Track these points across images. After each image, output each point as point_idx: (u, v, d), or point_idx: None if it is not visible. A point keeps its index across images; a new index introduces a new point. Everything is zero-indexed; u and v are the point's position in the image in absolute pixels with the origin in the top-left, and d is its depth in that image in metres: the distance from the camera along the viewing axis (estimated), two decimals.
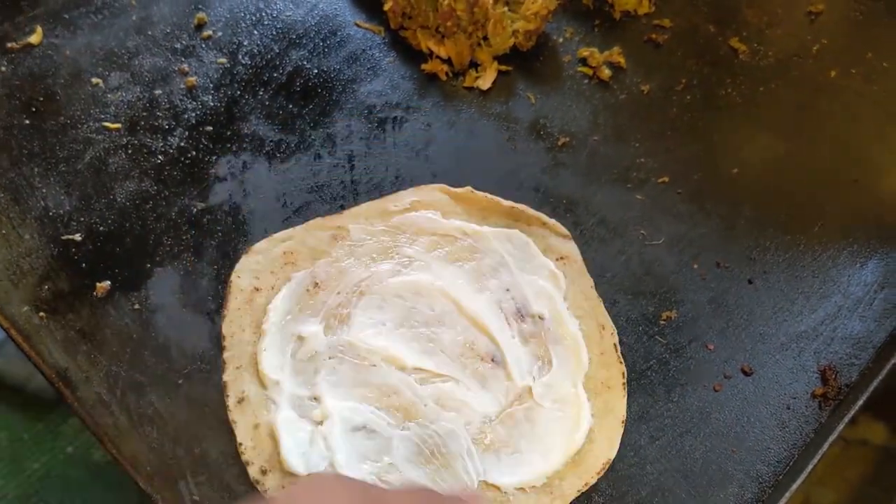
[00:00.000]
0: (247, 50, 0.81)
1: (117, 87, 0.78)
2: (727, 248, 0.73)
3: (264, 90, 0.79)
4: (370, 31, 0.84)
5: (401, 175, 0.75)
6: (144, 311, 0.66)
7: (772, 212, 0.75)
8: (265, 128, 0.77)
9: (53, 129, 0.75)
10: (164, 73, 0.79)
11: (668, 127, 0.79)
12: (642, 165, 0.77)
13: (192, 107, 0.77)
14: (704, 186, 0.76)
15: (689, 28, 0.86)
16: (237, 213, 0.72)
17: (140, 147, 0.75)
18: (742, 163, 0.78)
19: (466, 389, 0.63)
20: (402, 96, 0.80)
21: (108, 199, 0.72)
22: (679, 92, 0.81)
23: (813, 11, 0.88)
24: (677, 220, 0.74)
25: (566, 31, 0.85)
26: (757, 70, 0.83)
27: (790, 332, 0.69)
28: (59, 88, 0.77)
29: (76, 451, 1.31)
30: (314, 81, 0.80)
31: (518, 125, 0.79)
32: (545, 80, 0.82)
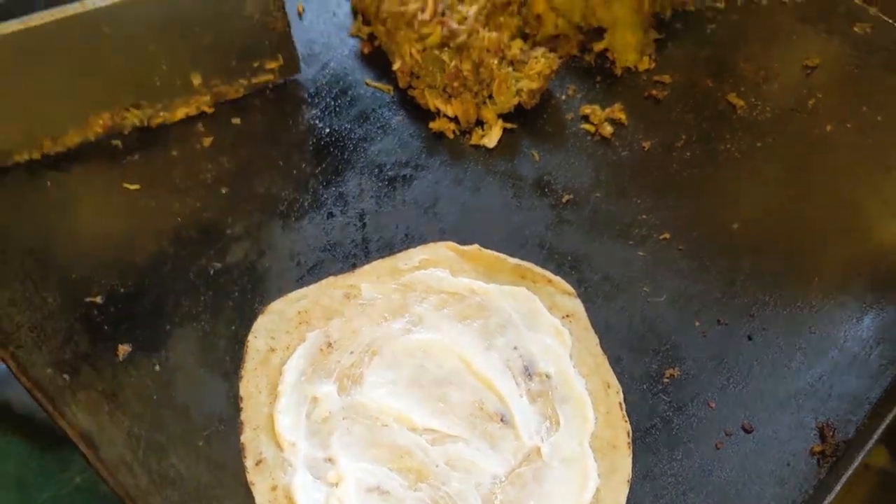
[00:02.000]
0: (261, 109, 0.84)
1: (135, 148, 0.81)
2: (727, 304, 0.75)
3: (278, 150, 0.82)
4: (380, 89, 0.86)
5: (410, 232, 0.78)
6: (164, 373, 0.69)
7: (770, 267, 0.77)
8: (279, 187, 0.79)
9: (75, 191, 0.78)
10: (180, 135, 0.82)
11: (669, 183, 0.82)
12: (644, 222, 0.79)
13: (208, 167, 0.80)
14: (705, 242, 0.78)
15: (688, 83, 0.88)
16: (253, 272, 0.74)
17: (158, 208, 0.77)
18: (741, 218, 0.80)
19: (476, 450, 0.65)
20: (411, 154, 0.83)
21: (129, 260, 0.74)
22: (679, 148, 0.84)
23: (809, 66, 0.90)
24: (678, 277, 0.76)
25: (569, 88, 0.88)
26: (755, 125, 0.86)
27: (789, 389, 0.71)
28: (78, 149, 0.80)
29: (84, 483, 1.32)
30: (326, 140, 0.83)
31: (523, 182, 0.81)
32: (549, 137, 0.84)
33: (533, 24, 0.89)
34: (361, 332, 0.71)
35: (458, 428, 0.66)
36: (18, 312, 0.71)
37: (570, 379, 0.69)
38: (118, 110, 0.80)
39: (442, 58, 0.81)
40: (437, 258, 0.75)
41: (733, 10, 0.95)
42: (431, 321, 0.72)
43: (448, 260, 0.75)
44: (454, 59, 0.81)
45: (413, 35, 0.82)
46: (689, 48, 0.91)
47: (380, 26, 0.86)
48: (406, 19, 0.82)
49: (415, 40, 0.82)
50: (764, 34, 0.93)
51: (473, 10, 0.82)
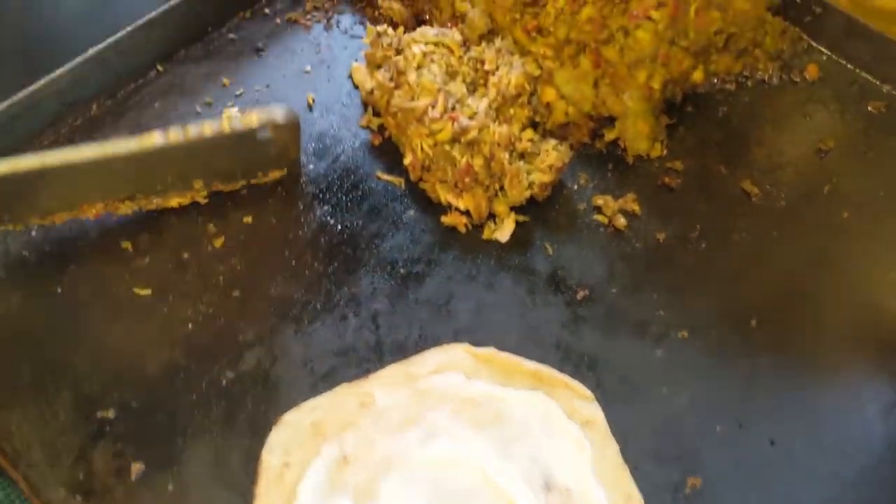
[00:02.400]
0: (272, 208, 0.84)
1: (146, 250, 0.80)
2: (748, 406, 0.74)
3: (290, 249, 0.81)
4: (391, 182, 0.86)
5: (424, 333, 0.77)
6: (178, 491, 0.68)
7: (791, 365, 0.76)
8: (291, 289, 0.79)
9: (84, 298, 0.77)
10: (191, 236, 0.81)
11: (685, 277, 0.81)
12: (661, 319, 0.78)
13: (220, 270, 0.79)
14: (723, 340, 0.77)
15: (701, 170, 0.88)
16: (266, 380, 0.74)
17: (170, 314, 0.77)
18: (759, 313, 0.79)
19: None
20: (423, 250, 0.82)
21: (141, 372, 0.73)
22: (694, 239, 0.83)
23: (823, 149, 0.89)
24: (698, 378, 0.75)
25: (580, 177, 0.87)
26: (770, 213, 0.85)
27: (814, 498, 0.69)
28: (89, 254, 0.80)
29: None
30: (338, 238, 0.82)
31: (536, 277, 0.81)
32: (562, 229, 0.84)
33: (543, 113, 0.88)
34: (377, 444, 0.69)
35: None
36: (30, 429, 0.70)
37: (590, 492, 0.68)
38: (112, 202, 0.81)
39: (453, 154, 0.81)
40: (452, 361, 0.74)
41: (744, 91, 0.94)
42: (448, 430, 0.70)
43: (463, 363, 0.74)
44: (465, 155, 0.81)
45: (424, 130, 0.81)
46: (701, 132, 0.91)
47: (390, 119, 0.86)
48: (416, 115, 0.82)
49: (425, 135, 0.82)
50: (776, 116, 0.92)
51: (483, 105, 0.82)
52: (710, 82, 0.94)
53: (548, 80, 0.88)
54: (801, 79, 0.95)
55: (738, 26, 0.89)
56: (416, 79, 0.83)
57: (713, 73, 0.93)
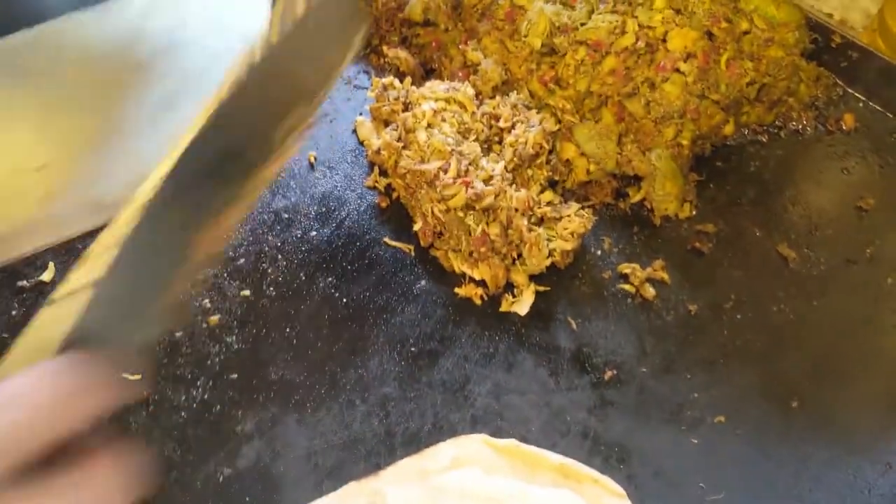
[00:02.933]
0: (272, 279, 0.77)
1: None
2: (792, 499, 0.68)
3: (291, 327, 0.75)
4: (400, 249, 0.80)
5: (438, 422, 0.71)
6: None
7: (836, 452, 0.70)
8: (294, 372, 0.72)
9: None
10: (181, 313, 0.75)
11: (720, 353, 0.75)
12: (696, 402, 0.72)
13: (215, 350, 0.73)
14: (764, 424, 0.71)
15: (733, 233, 0.82)
16: (266, 478, 0.67)
17: (161, 402, 0.70)
18: (800, 392, 0.73)
19: None
20: (436, 325, 0.76)
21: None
22: (728, 311, 0.77)
23: (863, 207, 0.83)
24: (737, 468, 0.69)
25: (604, 242, 0.81)
26: (809, 280, 0.79)
27: None
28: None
29: None
30: (343, 313, 0.76)
31: (560, 356, 0.74)
32: (586, 300, 0.77)
33: (562, 171, 0.82)
34: None
35: None
36: None
37: None
38: None
39: (467, 221, 0.75)
40: (469, 455, 0.68)
41: (777, 143, 0.88)
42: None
43: (482, 456, 0.68)
44: (480, 223, 0.74)
45: (435, 195, 0.75)
46: (733, 190, 0.85)
47: (398, 180, 0.80)
48: (427, 178, 0.75)
49: (437, 200, 0.75)
50: (811, 170, 0.86)
51: (500, 168, 0.76)
52: (742, 134, 0.88)
53: (567, 135, 0.82)
54: (838, 129, 0.89)
55: (771, 76, 0.83)
56: (426, 139, 0.77)
57: (744, 124, 0.87)
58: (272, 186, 0.83)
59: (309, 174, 0.85)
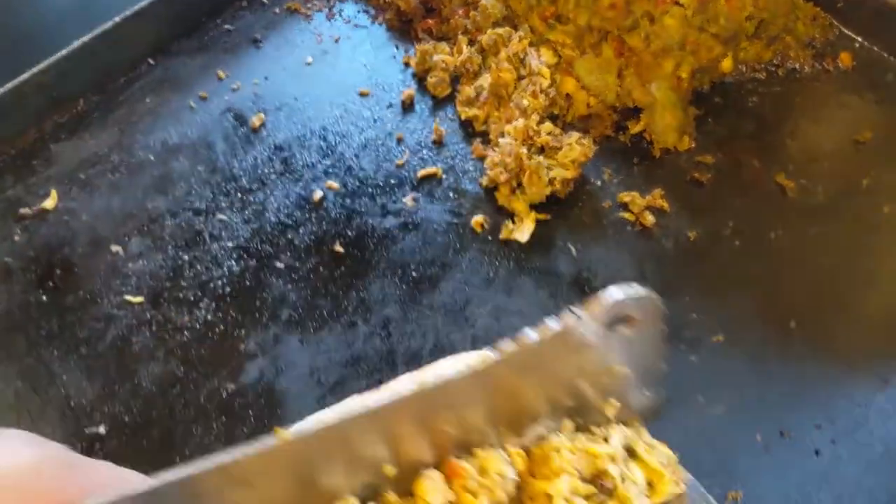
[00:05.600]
0: (274, 206, 0.78)
1: (138, 254, 0.75)
2: (791, 413, 0.68)
3: (293, 251, 0.75)
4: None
5: (439, 341, 0.71)
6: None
7: (834, 369, 0.70)
8: (296, 294, 0.73)
9: (72, 305, 0.71)
10: (186, 238, 0.76)
11: (719, 277, 0.75)
12: (695, 323, 0.72)
13: (218, 274, 0.74)
14: (762, 343, 0.71)
15: (732, 164, 0.82)
16: (270, 393, 0.68)
17: (165, 322, 0.71)
18: (798, 313, 0.73)
19: None
20: (437, 252, 0.76)
21: (133, 383, 0.68)
22: (727, 237, 0.77)
23: (860, 140, 0.84)
24: (736, 384, 0.69)
25: (604, 172, 0.81)
26: (806, 209, 0.79)
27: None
28: (76, 259, 0.74)
29: None
30: (345, 240, 0.76)
31: (560, 280, 0.75)
32: (586, 228, 0.78)
33: (562, 105, 0.83)
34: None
35: None
36: None
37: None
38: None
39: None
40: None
41: (775, 81, 0.89)
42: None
43: None
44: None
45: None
46: (731, 124, 0.85)
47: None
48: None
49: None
50: (809, 106, 0.87)
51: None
52: (740, 71, 0.88)
53: (567, 69, 0.83)
54: (834, 67, 0.90)
55: (769, 12, 0.84)
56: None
57: (742, 61, 0.88)
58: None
59: (308, 109, 0.85)
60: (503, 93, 0.82)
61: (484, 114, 0.83)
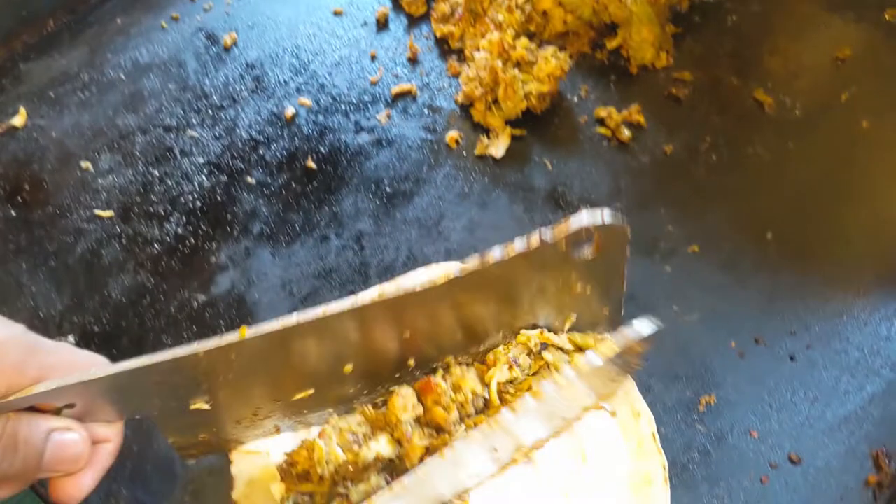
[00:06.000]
0: (246, 122, 0.77)
1: (108, 170, 0.74)
2: (766, 322, 0.68)
3: (264, 167, 0.74)
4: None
5: (413, 254, 0.71)
6: (145, 422, 0.62)
7: (810, 279, 0.70)
8: (268, 208, 0.72)
9: (41, 219, 0.71)
10: (157, 154, 0.75)
11: (695, 190, 0.75)
12: (670, 234, 0.72)
13: (188, 189, 0.73)
14: (737, 254, 0.71)
15: (710, 80, 0.81)
16: (241, 304, 0.67)
17: (135, 236, 0.70)
18: (775, 226, 0.73)
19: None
20: (411, 168, 0.76)
21: (103, 295, 0.67)
22: (704, 151, 0.77)
23: (839, 57, 0.83)
24: (711, 293, 0.69)
25: (581, 89, 0.80)
26: (785, 124, 0.79)
27: (838, 414, 0.64)
28: (46, 174, 0.73)
29: None
30: (318, 156, 0.75)
31: (535, 194, 0.74)
32: (561, 143, 0.77)
33: (539, 22, 0.82)
34: None
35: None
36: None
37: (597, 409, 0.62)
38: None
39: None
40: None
41: (754, 0, 0.87)
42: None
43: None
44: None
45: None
46: (710, 42, 0.84)
47: None
48: None
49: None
50: (789, 25, 0.86)
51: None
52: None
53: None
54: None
55: None
56: None
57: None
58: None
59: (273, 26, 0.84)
60: (478, 9, 0.80)
61: (459, 31, 0.82)
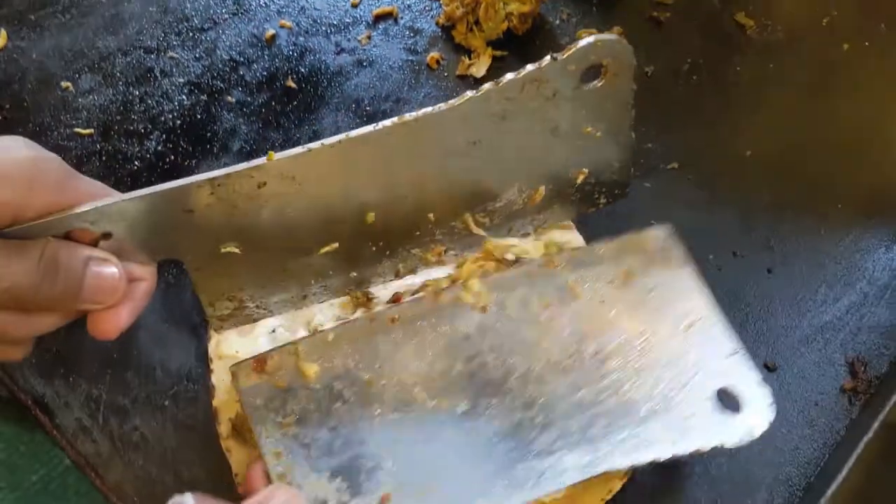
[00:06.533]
0: (226, 44, 0.77)
1: (88, 90, 0.73)
2: (744, 236, 0.69)
3: (244, 87, 0.74)
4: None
5: None
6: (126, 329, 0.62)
7: (789, 196, 0.71)
8: (247, 127, 0.72)
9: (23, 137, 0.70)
10: (137, 74, 0.74)
11: (676, 110, 0.75)
12: (650, 151, 0.72)
13: (168, 108, 0.73)
14: (716, 171, 0.72)
15: (691, 4, 0.81)
16: None
17: (115, 153, 0.70)
18: (755, 145, 0.73)
19: None
20: (392, 88, 0.75)
21: None
22: (685, 73, 0.77)
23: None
24: (690, 209, 0.70)
25: (562, 12, 0.80)
26: (765, 47, 0.79)
27: (814, 324, 0.65)
28: (26, 94, 0.73)
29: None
30: (298, 76, 0.75)
31: None
32: None
33: None
34: None
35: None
36: None
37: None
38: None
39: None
40: None
41: None
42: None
43: None
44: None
45: None
46: None
47: None
48: None
49: None
50: None
51: None
52: None
53: None
54: None
55: None
56: None
57: None
58: None
59: None
60: None
61: None
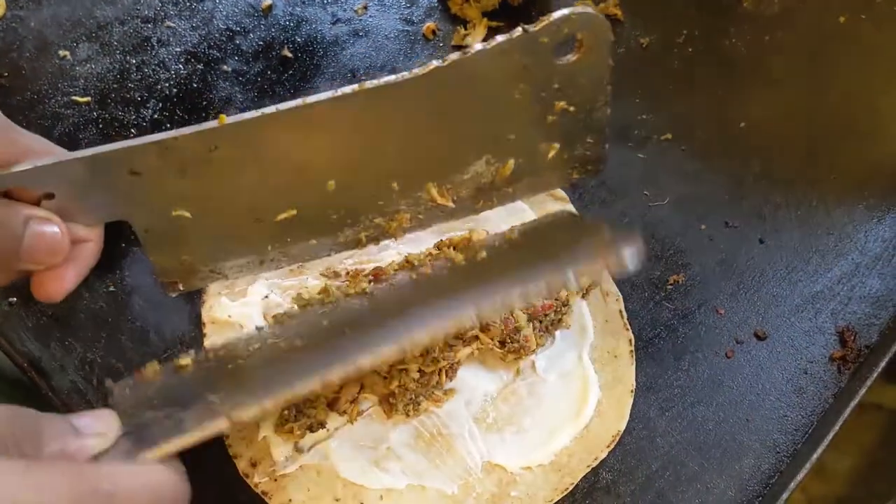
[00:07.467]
0: (223, 13, 0.77)
1: (86, 59, 0.74)
2: (736, 206, 0.69)
3: (240, 56, 0.75)
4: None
5: None
6: (120, 294, 0.63)
7: (782, 167, 0.71)
8: (243, 95, 0.72)
9: (20, 104, 0.71)
10: (134, 43, 0.75)
11: (670, 81, 0.75)
12: (644, 122, 0.72)
13: (165, 77, 0.73)
14: (710, 142, 0.72)
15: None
16: None
17: (111, 121, 0.71)
18: (749, 116, 0.73)
19: (464, 367, 0.59)
20: (387, 58, 0.76)
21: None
22: (680, 44, 0.77)
23: None
24: (682, 179, 0.70)
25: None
26: (761, 18, 0.79)
27: (805, 293, 0.65)
28: (24, 62, 0.73)
29: None
30: (294, 45, 0.75)
31: None
32: None
33: None
34: None
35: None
36: None
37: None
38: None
39: None
40: None
41: None
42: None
43: None
44: None
45: None
46: None
47: None
48: None
49: None
50: None
51: None
52: None
53: None
54: None
55: None
56: None
57: None
58: None
59: None
60: None
61: None
